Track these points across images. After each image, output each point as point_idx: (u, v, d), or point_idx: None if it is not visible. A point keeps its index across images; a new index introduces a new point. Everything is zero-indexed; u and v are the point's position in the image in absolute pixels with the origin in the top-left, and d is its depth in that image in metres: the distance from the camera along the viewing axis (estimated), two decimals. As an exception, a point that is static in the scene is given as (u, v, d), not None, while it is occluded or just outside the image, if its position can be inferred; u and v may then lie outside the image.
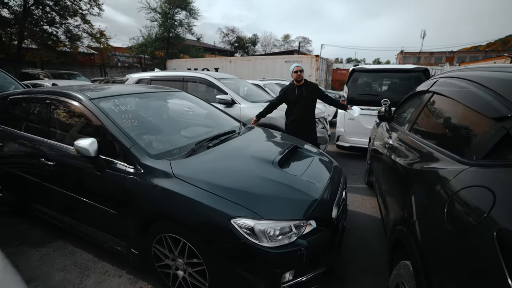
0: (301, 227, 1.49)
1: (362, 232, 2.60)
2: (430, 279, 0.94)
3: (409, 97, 2.58)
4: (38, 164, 2.22)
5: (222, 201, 1.45)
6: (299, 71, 3.28)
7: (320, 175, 1.96)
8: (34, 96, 2.48)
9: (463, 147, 1.16)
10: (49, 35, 14.63)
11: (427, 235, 1.06)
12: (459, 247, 0.84)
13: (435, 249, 0.97)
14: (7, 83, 5.20)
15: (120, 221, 1.83)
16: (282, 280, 1.43)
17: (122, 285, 1.90)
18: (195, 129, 2.50)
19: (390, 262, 1.60)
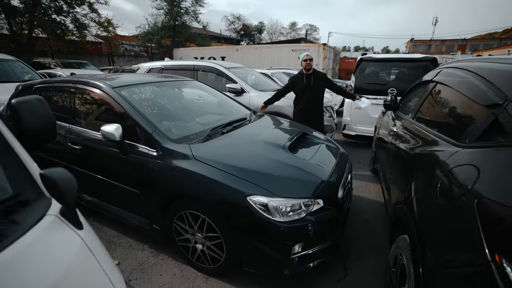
0: (310, 205, 1.65)
1: (366, 215, 2.75)
2: (424, 248, 1.09)
3: (414, 87, 2.66)
4: (65, 149, 2.40)
5: (239, 180, 1.61)
6: (308, 59, 3.37)
7: (327, 159, 2.10)
8: (59, 85, 2.64)
9: (459, 132, 1.28)
10: (58, 24, 14.76)
11: (422, 209, 1.20)
12: (447, 216, 0.98)
13: (428, 221, 1.12)
14: (24, 72, 5.39)
15: (143, 200, 2.02)
16: (292, 252, 1.60)
17: (145, 258, 2.11)
18: (209, 116, 2.65)
19: (391, 238, 1.75)
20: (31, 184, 0.72)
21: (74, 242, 0.65)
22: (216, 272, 1.87)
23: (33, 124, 0.89)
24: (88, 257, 0.65)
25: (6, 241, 0.56)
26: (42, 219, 0.64)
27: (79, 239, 0.66)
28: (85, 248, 0.65)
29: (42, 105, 0.95)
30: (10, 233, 0.58)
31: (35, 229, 0.61)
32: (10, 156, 0.71)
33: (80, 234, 0.67)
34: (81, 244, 0.66)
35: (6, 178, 0.68)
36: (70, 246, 0.64)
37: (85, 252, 0.65)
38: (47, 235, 0.62)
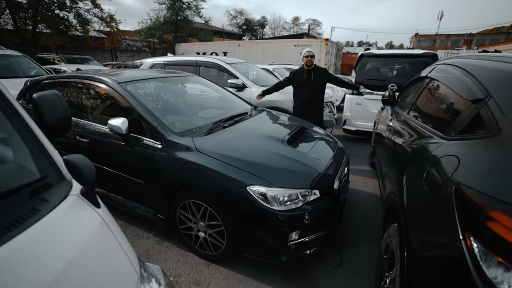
0: (307, 195, 1.74)
1: (363, 208, 2.84)
2: (409, 233, 1.18)
3: (411, 83, 2.72)
4: (73, 142, 2.51)
5: (239, 171, 1.70)
6: (309, 56, 3.41)
7: (324, 153, 2.19)
8: (66, 81, 2.74)
9: (446, 125, 1.36)
10: (61, 19, 14.83)
11: (409, 198, 1.28)
12: (429, 203, 1.06)
13: (413, 208, 1.20)
14: (30, 68, 5.50)
15: (148, 191, 2.12)
16: (289, 239, 1.70)
17: (150, 245, 2.22)
18: (211, 111, 2.74)
19: (383, 227, 1.84)
20: (54, 168, 0.81)
21: (94, 219, 0.74)
22: (218, 258, 1.98)
23: (52, 116, 0.98)
24: (107, 232, 0.74)
25: (39, 214, 0.65)
26: (66, 198, 0.74)
27: (98, 216, 0.75)
28: (104, 224, 0.75)
29: (59, 99, 1.05)
30: (41, 208, 0.68)
31: (61, 206, 0.70)
32: (36, 144, 0.80)
33: (99, 212, 0.77)
34: (100, 221, 0.75)
35: (34, 162, 0.78)
36: (91, 221, 0.73)
37: (104, 227, 0.74)
38: (72, 212, 0.71)
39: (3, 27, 13.88)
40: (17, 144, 0.78)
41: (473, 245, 0.75)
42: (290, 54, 14.58)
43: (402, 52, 4.94)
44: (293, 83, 3.61)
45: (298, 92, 3.59)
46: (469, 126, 1.12)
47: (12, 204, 0.67)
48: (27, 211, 0.66)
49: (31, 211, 0.66)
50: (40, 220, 0.65)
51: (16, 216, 0.63)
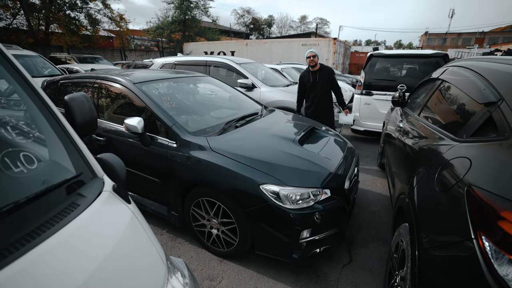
0: (318, 195, 1.78)
1: (372, 208, 2.86)
2: (420, 232, 1.21)
3: (422, 84, 2.73)
4: (89, 140, 2.60)
5: (253, 170, 1.75)
6: (311, 56, 3.38)
7: (335, 153, 2.22)
8: (83, 81, 2.83)
9: (458, 128, 1.38)
10: (72, 19, 15.14)
11: (421, 198, 1.31)
12: (441, 203, 1.09)
13: (425, 208, 1.23)
14: (45, 68, 5.66)
15: (162, 189, 2.19)
16: (300, 237, 1.74)
17: (164, 241, 2.29)
18: (223, 110, 2.80)
19: (393, 226, 1.87)
20: (87, 166, 0.88)
21: (126, 213, 0.80)
22: (230, 255, 2.03)
23: (81, 116, 1.05)
24: (138, 226, 0.80)
25: (79, 208, 0.72)
26: (100, 194, 0.80)
27: (129, 211, 0.81)
28: (135, 219, 0.81)
29: (87, 101, 1.11)
30: (80, 203, 0.74)
31: (97, 201, 0.77)
32: (71, 143, 0.87)
33: (130, 207, 0.83)
34: (131, 215, 0.81)
35: (70, 160, 0.84)
36: (124, 216, 0.79)
37: (135, 222, 0.80)
38: (107, 206, 0.77)
39: (18, 28, 14.26)
40: (55, 144, 0.85)
41: (485, 244, 0.78)
42: (298, 53, 14.56)
43: (412, 52, 4.90)
44: (303, 87, 3.61)
45: (307, 95, 3.60)
46: (481, 129, 1.15)
47: (53, 199, 0.73)
48: (68, 205, 0.72)
49: (72, 205, 0.72)
50: (80, 214, 0.71)
51: (59, 210, 0.69)
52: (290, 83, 5.13)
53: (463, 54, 27.39)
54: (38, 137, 0.81)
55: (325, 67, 3.55)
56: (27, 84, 0.85)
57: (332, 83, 3.53)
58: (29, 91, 0.85)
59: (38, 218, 0.64)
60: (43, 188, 0.71)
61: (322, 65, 3.54)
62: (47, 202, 0.69)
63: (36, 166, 0.75)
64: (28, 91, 0.84)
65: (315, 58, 3.41)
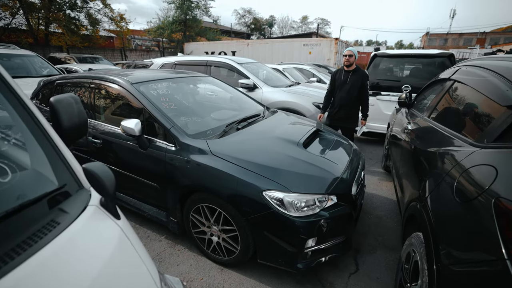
0: (324, 201, 1.68)
1: (378, 212, 2.77)
2: (438, 246, 1.11)
3: (431, 84, 2.63)
4: (86, 143, 2.51)
5: (255, 176, 1.66)
6: (348, 55, 3.17)
7: (341, 156, 2.12)
8: (80, 81, 2.74)
9: (477, 131, 1.28)
10: (72, 19, 15.07)
11: (437, 208, 1.21)
12: (462, 215, 1.00)
13: (442, 219, 1.13)
14: (43, 68, 5.58)
15: (161, 193, 2.09)
16: (305, 246, 1.64)
17: (162, 248, 2.20)
18: (224, 112, 2.70)
19: (403, 235, 1.77)
20: (73, 176, 0.78)
21: (114, 231, 0.71)
22: (231, 263, 1.94)
23: (69, 120, 0.95)
24: (127, 246, 0.71)
25: (59, 227, 0.62)
26: (85, 209, 0.71)
27: (118, 229, 0.72)
28: (124, 237, 0.72)
29: (76, 102, 1.02)
30: (61, 220, 0.65)
31: (81, 218, 0.67)
32: (55, 151, 0.78)
33: (119, 224, 0.73)
34: (120, 233, 0.72)
35: (53, 171, 0.75)
36: (111, 234, 0.70)
37: (124, 241, 0.71)
38: (92, 224, 0.68)
39: (17, 27, 14.18)
40: (35, 151, 0.76)
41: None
42: (299, 53, 14.47)
43: (417, 52, 4.80)
44: (333, 85, 3.42)
45: (335, 93, 3.40)
46: (505, 133, 1.05)
47: (30, 216, 0.64)
48: (47, 223, 0.63)
49: (51, 223, 0.63)
50: (60, 234, 0.62)
51: (35, 229, 0.60)
52: (292, 83, 5.03)
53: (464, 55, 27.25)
54: (14, 144, 0.72)
55: (360, 70, 3.27)
56: (3, 83, 0.76)
57: (362, 89, 3.24)
58: (4, 91, 0.76)
59: (7, 241, 0.55)
60: (17, 205, 0.61)
61: (358, 68, 3.28)
62: (21, 221, 0.60)
63: (10, 178, 0.66)
64: (3, 91, 0.75)
65: (350, 58, 3.17)
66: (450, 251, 1.02)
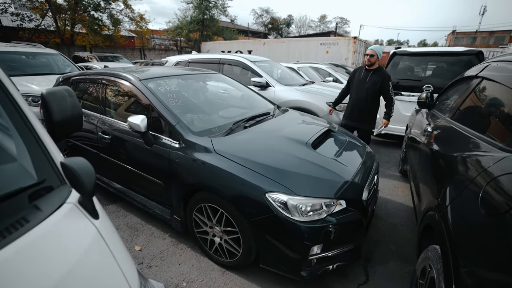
0: (331, 206, 1.57)
1: (392, 219, 2.60)
2: (459, 263, 0.98)
3: (454, 83, 2.43)
4: (96, 138, 2.53)
5: (259, 176, 1.58)
6: (369, 55, 3.02)
7: (352, 158, 2.00)
8: (92, 77, 2.78)
9: (508, 135, 1.13)
10: (96, 20, 15.66)
11: (458, 219, 1.08)
12: (489, 230, 0.86)
13: (465, 233, 1.00)
14: (66, 65, 5.79)
15: (165, 191, 2.06)
16: (310, 253, 1.54)
17: (165, 246, 2.17)
18: (232, 110, 2.64)
19: (419, 246, 1.63)
20: (54, 171, 0.74)
21: (89, 232, 0.66)
22: (233, 266, 1.87)
23: (61, 113, 0.92)
24: (102, 247, 0.65)
25: (27, 225, 0.58)
26: (61, 207, 0.66)
27: (94, 229, 0.67)
28: (99, 237, 0.66)
29: (70, 96, 0.98)
30: (32, 218, 0.60)
31: (53, 216, 0.63)
32: (36, 143, 0.74)
33: (96, 224, 0.68)
34: (96, 234, 0.67)
35: (32, 164, 0.71)
36: (85, 235, 0.65)
37: (99, 242, 0.66)
38: (64, 223, 0.63)
39: (46, 28, 14.93)
40: (15, 143, 0.72)
41: None
42: (316, 52, 14.19)
43: (440, 50, 4.52)
44: (350, 82, 3.30)
45: (350, 92, 3.28)
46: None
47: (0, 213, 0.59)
48: (15, 221, 0.58)
49: (19, 221, 0.58)
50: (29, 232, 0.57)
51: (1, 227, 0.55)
52: (306, 82, 4.90)
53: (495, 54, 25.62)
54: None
55: (382, 71, 3.10)
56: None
57: (383, 91, 3.07)
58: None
59: None
60: (-15, 200, 0.57)
61: (380, 68, 3.11)
62: None
63: (-17, 171, 0.62)
64: None
65: (372, 58, 3.01)
66: (473, 270, 0.89)
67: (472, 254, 0.91)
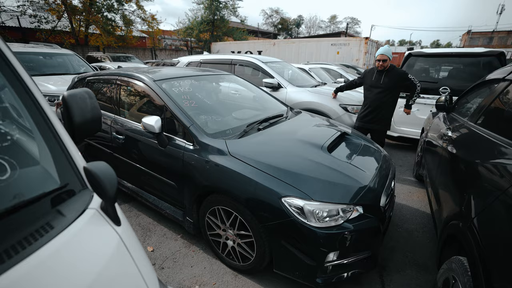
0: (348, 212, 1.53)
1: (408, 225, 2.53)
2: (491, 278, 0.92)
3: (477, 86, 2.34)
4: (110, 138, 2.56)
5: (275, 180, 1.55)
6: (382, 60, 2.95)
7: (369, 163, 1.94)
8: (107, 78, 2.81)
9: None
10: (109, 21, 15.98)
11: (488, 232, 1.02)
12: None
13: (498, 247, 0.95)
14: (80, 65, 5.92)
15: (178, 192, 2.06)
16: (326, 259, 1.51)
17: (177, 248, 2.17)
18: (245, 111, 2.62)
19: (440, 256, 1.57)
20: (77, 176, 0.74)
21: (112, 239, 0.65)
22: (245, 270, 1.85)
23: (81, 115, 0.92)
24: (124, 255, 0.64)
25: (53, 231, 0.57)
26: (84, 212, 0.65)
27: (116, 236, 0.66)
28: (122, 245, 0.65)
29: (90, 98, 0.98)
30: (56, 224, 0.59)
31: (77, 222, 0.62)
32: (59, 147, 0.73)
33: (118, 231, 0.67)
34: (118, 241, 0.65)
35: (56, 168, 0.71)
36: (108, 243, 0.64)
37: (121, 249, 0.65)
38: (88, 229, 0.62)
39: (62, 30, 15.33)
40: (39, 147, 0.72)
41: None
42: (326, 53, 14.05)
43: (458, 51, 4.37)
44: (363, 84, 3.26)
45: (365, 95, 3.24)
46: None
47: (25, 218, 0.59)
48: (40, 227, 0.58)
49: (44, 228, 0.58)
50: (50, 241, 0.56)
51: (24, 235, 0.55)
52: (318, 84, 4.84)
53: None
54: (17, 139, 0.68)
55: (394, 71, 3.02)
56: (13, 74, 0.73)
57: (406, 83, 3.05)
58: (14, 82, 0.73)
59: None
60: (10, 205, 0.57)
61: (393, 67, 3.03)
62: (13, 224, 0.55)
63: (9, 175, 0.61)
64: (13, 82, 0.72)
65: (384, 63, 2.95)
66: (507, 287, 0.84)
67: (508, 270, 0.86)
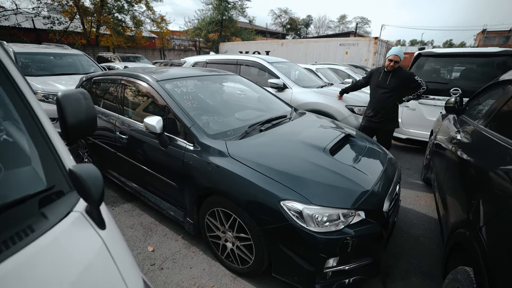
0: (349, 217, 1.49)
1: (414, 231, 2.45)
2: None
3: (489, 87, 2.25)
4: (114, 137, 2.58)
5: (274, 183, 1.52)
6: (394, 61, 2.90)
7: (373, 166, 1.89)
8: (112, 78, 2.84)
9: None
10: (119, 22, 16.25)
11: (497, 241, 0.97)
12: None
13: (506, 258, 0.89)
14: (90, 65, 6.03)
15: (179, 192, 2.06)
16: (325, 265, 1.47)
17: (177, 248, 2.16)
18: (248, 112, 2.60)
19: (445, 265, 1.51)
20: (65, 177, 0.73)
21: (93, 242, 0.63)
22: (244, 273, 1.83)
23: (75, 116, 0.91)
24: (106, 260, 0.63)
25: (33, 234, 0.56)
26: (68, 215, 0.64)
27: (99, 240, 0.65)
28: (105, 249, 0.64)
29: (85, 98, 0.97)
30: (37, 227, 0.58)
31: (59, 225, 0.61)
32: (48, 148, 0.73)
33: (101, 235, 0.66)
34: (101, 245, 0.64)
35: (43, 170, 0.70)
36: (89, 246, 0.63)
37: (103, 254, 0.63)
38: (69, 233, 0.61)
39: (73, 30, 15.68)
40: (27, 147, 0.71)
41: None
42: (335, 53, 13.91)
43: (470, 51, 4.23)
44: (366, 81, 3.24)
45: (371, 95, 3.19)
46: None
47: (7, 220, 0.58)
48: (21, 230, 0.56)
49: (25, 230, 0.57)
50: (34, 241, 0.55)
51: (5, 237, 0.54)
52: (324, 84, 4.78)
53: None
54: (3, 140, 0.67)
55: (401, 72, 2.99)
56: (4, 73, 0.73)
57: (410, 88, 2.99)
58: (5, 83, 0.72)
59: None
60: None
61: (400, 68, 2.98)
62: None
63: (-6, 176, 0.61)
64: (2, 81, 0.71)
65: (395, 64, 2.91)
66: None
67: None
